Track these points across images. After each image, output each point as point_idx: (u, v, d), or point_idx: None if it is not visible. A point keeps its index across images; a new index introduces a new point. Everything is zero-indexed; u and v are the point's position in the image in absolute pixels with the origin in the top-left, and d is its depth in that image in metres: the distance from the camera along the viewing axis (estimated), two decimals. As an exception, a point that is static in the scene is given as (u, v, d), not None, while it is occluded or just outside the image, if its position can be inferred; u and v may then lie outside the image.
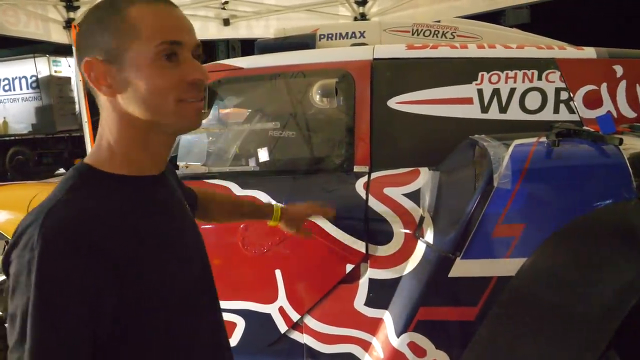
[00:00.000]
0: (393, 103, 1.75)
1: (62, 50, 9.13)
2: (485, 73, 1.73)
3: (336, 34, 2.18)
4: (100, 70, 0.72)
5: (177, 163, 1.90)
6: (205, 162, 1.90)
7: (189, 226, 0.87)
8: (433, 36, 2.10)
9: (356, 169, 1.72)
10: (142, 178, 0.77)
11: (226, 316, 1.69)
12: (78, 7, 4.68)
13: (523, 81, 1.70)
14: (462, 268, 1.42)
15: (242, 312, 1.70)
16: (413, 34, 2.12)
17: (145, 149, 0.77)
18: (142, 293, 0.70)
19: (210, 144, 1.96)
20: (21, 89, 11.13)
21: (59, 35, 4.71)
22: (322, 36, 2.20)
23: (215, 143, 1.97)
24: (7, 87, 11.31)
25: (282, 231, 1.62)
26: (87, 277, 0.63)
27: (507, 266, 1.40)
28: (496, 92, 1.72)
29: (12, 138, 11.61)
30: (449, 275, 1.43)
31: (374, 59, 1.82)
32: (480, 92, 1.72)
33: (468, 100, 1.73)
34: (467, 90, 1.73)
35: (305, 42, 2.06)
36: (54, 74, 10.81)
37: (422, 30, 2.10)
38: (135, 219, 0.73)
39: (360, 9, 5.20)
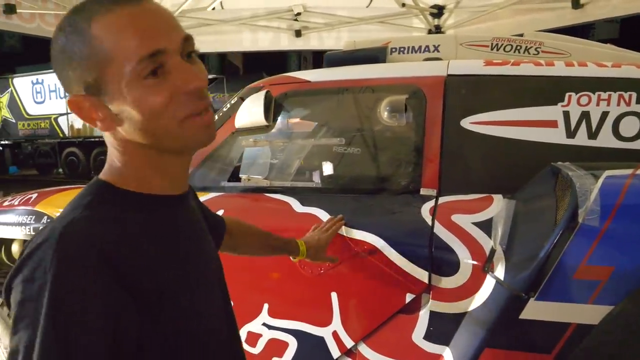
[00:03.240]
0: (467, 123, 1.64)
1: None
2: (573, 94, 1.57)
3: (409, 47, 2.09)
4: (88, 106, 0.64)
5: (240, 176, 1.89)
6: (268, 176, 1.87)
7: (209, 252, 0.81)
8: (515, 51, 1.95)
9: (423, 191, 1.61)
10: (161, 197, 0.71)
11: (279, 335, 1.66)
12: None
13: (618, 104, 1.52)
14: (536, 310, 1.28)
15: (295, 332, 1.64)
16: (492, 49, 1.98)
17: (159, 172, 0.70)
18: (167, 322, 0.64)
19: (274, 157, 1.93)
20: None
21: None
22: (393, 49, 2.12)
23: (279, 157, 1.94)
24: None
25: (342, 253, 1.56)
26: (110, 306, 0.56)
27: (589, 313, 1.24)
28: (585, 116, 1.55)
29: (96, 139, 12.46)
30: (520, 317, 1.29)
31: (448, 75, 1.71)
32: (566, 114, 1.56)
33: (552, 124, 1.57)
34: (552, 112, 1.58)
35: (375, 55, 1.99)
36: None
37: (502, 44, 1.96)
38: (157, 241, 0.67)
39: (436, 21, 5.05)
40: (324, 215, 1.61)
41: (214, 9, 4.94)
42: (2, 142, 14.45)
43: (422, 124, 1.66)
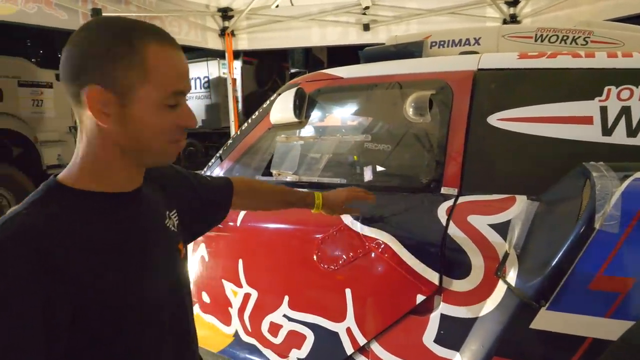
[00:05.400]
0: (494, 120, 1.55)
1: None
2: (613, 87, 1.43)
3: (448, 41, 2.02)
4: (103, 99, 0.72)
5: (271, 170, 1.95)
6: (297, 171, 1.90)
7: (160, 244, 0.86)
8: (561, 42, 1.81)
9: (444, 190, 1.56)
10: (111, 194, 0.78)
11: (298, 327, 1.70)
12: (232, 17, 5.11)
13: (664, 99, 1.37)
14: (547, 320, 1.20)
15: (312, 325, 1.67)
16: (536, 40, 1.86)
17: (119, 172, 0.79)
18: (96, 305, 0.69)
19: (303, 153, 1.96)
20: (195, 88, 12.62)
21: (215, 43, 5.20)
22: (433, 43, 2.06)
23: (308, 152, 1.96)
24: (185, 87, 12.92)
25: (356, 250, 1.56)
26: (35, 287, 0.62)
27: (607, 327, 1.14)
28: (625, 111, 1.41)
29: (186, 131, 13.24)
30: (531, 326, 1.22)
31: (478, 70, 1.63)
32: (603, 110, 1.43)
33: (587, 120, 1.45)
34: (587, 107, 1.45)
35: (409, 50, 1.94)
36: (222, 75, 12.03)
37: (547, 35, 1.83)
38: (94, 232, 0.72)
39: (511, 10, 4.79)
40: (342, 212, 1.61)
41: (277, 6, 5.06)
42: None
43: (447, 120, 1.61)
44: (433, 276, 1.42)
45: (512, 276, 1.29)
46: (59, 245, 0.67)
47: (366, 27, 5.25)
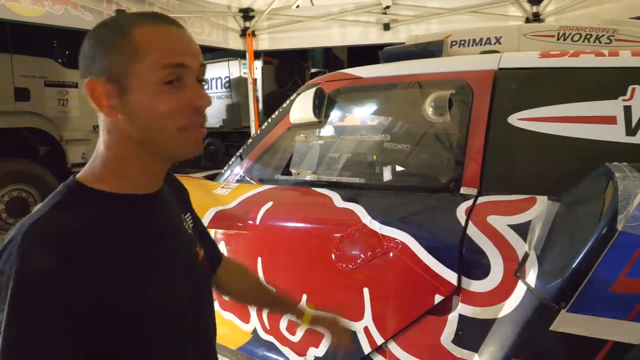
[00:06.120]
0: (514, 119, 1.54)
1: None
2: (637, 87, 1.41)
3: (469, 40, 2.01)
4: (103, 90, 0.70)
5: (290, 170, 1.96)
6: (315, 171, 1.91)
7: (181, 249, 0.83)
8: (584, 41, 1.79)
9: (463, 190, 1.55)
10: (132, 196, 0.75)
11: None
12: (253, 17, 5.15)
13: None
14: (567, 322, 1.18)
15: (330, 324, 1.67)
16: (559, 39, 1.83)
17: (140, 169, 0.75)
18: (118, 314, 0.68)
19: (321, 152, 1.97)
20: (217, 88, 12.74)
21: (236, 43, 5.24)
22: (453, 43, 2.05)
23: (327, 152, 1.97)
24: (206, 87, 12.98)
25: (375, 249, 1.57)
26: (63, 298, 0.62)
27: (629, 331, 1.12)
28: (650, 111, 1.38)
29: (207, 130, 13.37)
30: (550, 328, 1.20)
31: (499, 69, 1.62)
32: (627, 109, 1.41)
33: (610, 120, 1.43)
34: (611, 107, 1.43)
35: (429, 50, 1.94)
36: (243, 75, 12.12)
37: (570, 34, 1.81)
38: (116, 238, 0.70)
39: (534, 8, 4.70)
40: (360, 211, 1.62)
41: (298, 6, 5.08)
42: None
43: (467, 120, 1.60)
44: (451, 276, 1.41)
45: (531, 277, 1.27)
46: (82, 252, 0.65)
47: (386, 27, 5.22)
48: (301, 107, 1.94)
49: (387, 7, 5.08)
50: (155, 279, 0.74)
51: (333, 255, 1.64)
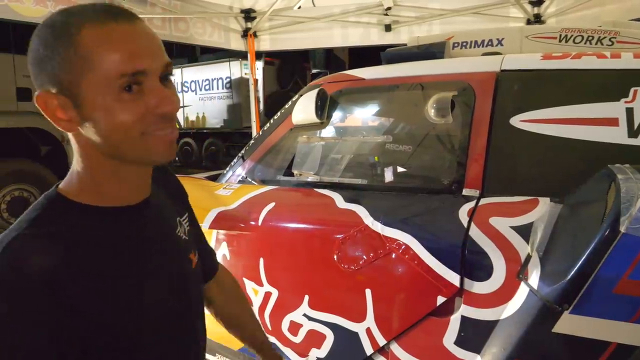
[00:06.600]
0: (517, 121, 1.54)
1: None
2: (639, 89, 1.41)
3: (471, 41, 2.01)
4: (55, 104, 0.64)
5: (292, 171, 1.96)
6: (317, 172, 1.92)
7: (170, 261, 0.79)
8: (586, 43, 1.79)
9: (465, 192, 1.55)
10: (115, 209, 0.71)
11: (317, 327, 1.71)
12: (254, 18, 5.16)
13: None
14: (570, 324, 1.18)
15: (332, 325, 1.68)
16: (561, 41, 1.84)
17: (117, 180, 0.70)
18: (107, 334, 0.66)
19: (325, 153, 1.97)
20: (217, 88, 12.77)
21: (237, 44, 5.25)
22: (455, 44, 2.05)
23: (329, 153, 1.98)
24: (207, 87, 13.10)
25: (377, 250, 1.57)
26: (41, 319, 0.59)
27: (632, 332, 1.12)
28: (652, 113, 1.39)
29: (209, 131, 13.40)
30: (553, 330, 1.21)
31: (501, 71, 1.62)
32: (629, 111, 1.41)
33: (612, 122, 1.43)
34: (613, 109, 1.43)
35: (431, 51, 1.94)
36: (244, 76, 12.13)
37: (571, 36, 1.81)
38: (98, 254, 0.67)
39: (535, 10, 4.71)
40: (363, 212, 1.62)
41: (299, 7, 5.08)
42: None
43: (469, 122, 1.60)
44: (454, 278, 1.42)
45: (534, 279, 1.27)
46: (61, 268, 0.62)
47: (388, 28, 5.22)
48: (303, 108, 1.95)
49: (389, 8, 5.09)
50: (139, 289, 0.71)
51: (335, 257, 1.64)
